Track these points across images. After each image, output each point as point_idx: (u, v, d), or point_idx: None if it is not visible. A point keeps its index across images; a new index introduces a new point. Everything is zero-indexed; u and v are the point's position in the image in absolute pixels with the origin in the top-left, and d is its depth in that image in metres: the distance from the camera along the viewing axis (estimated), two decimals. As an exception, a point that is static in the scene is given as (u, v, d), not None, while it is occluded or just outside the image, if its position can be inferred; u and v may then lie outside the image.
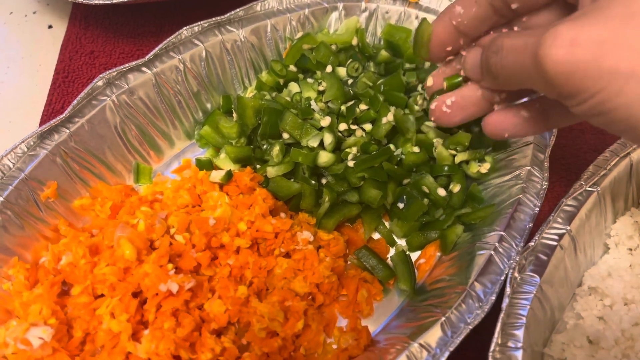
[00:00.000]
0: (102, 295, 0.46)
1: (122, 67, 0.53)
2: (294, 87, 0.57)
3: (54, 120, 0.50)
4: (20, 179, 0.48)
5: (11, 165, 0.48)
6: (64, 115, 0.50)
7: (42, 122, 0.61)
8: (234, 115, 0.57)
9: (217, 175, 0.52)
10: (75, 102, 0.51)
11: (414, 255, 0.52)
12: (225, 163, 0.54)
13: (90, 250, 0.47)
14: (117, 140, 0.54)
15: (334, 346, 0.47)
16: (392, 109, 0.52)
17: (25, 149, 0.49)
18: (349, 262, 0.52)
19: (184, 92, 0.57)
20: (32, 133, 0.49)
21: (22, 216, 0.48)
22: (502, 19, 0.40)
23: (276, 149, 0.52)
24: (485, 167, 0.53)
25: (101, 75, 0.52)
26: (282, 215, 0.52)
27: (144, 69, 0.54)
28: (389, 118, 0.52)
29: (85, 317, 0.44)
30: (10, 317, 0.46)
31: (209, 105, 0.59)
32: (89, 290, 0.45)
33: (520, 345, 0.39)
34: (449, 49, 0.43)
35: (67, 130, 0.50)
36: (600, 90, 0.28)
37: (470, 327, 0.40)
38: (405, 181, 0.53)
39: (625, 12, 0.27)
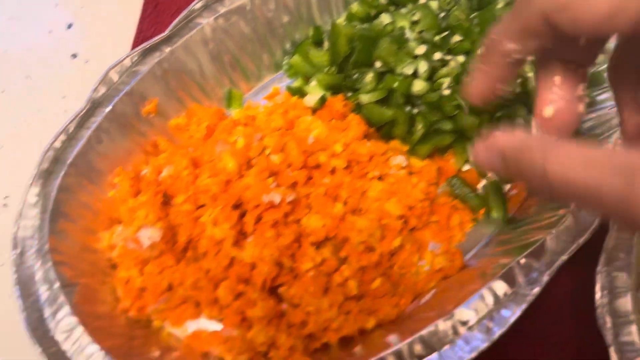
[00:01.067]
0: (204, 205, 0.47)
1: (219, -10, 0.54)
2: (385, 18, 0.57)
3: (156, 38, 0.51)
4: (125, 92, 0.49)
5: (116, 79, 0.49)
6: (164, 34, 0.51)
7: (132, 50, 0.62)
8: (325, 45, 0.57)
9: (311, 99, 0.53)
10: (175, 22, 0.52)
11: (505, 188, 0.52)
12: (316, 90, 0.55)
13: (191, 163, 0.48)
14: (212, 64, 0.55)
15: (426, 268, 0.48)
16: (489, 39, 0.52)
17: (129, 64, 0.50)
18: (439, 191, 0.52)
19: (276, 22, 0.57)
20: (135, 49, 0.50)
21: (126, 127, 0.49)
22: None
23: (370, 75, 0.52)
24: (581, 102, 0.52)
25: (199, -2, 0.53)
26: (374, 141, 0.52)
27: (240, -7, 0.55)
28: (484, 49, 0.52)
29: (188, 225, 0.46)
30: (113, 223, 0.48)
31: (297, 36, 0.60)
32: (192, 200, 0.47)
33: (627, 264, 0.39)
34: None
35: (168, 49, 0.51)
36: None
37: (580, 243, 0.40)
38: (499, 114, 0.53)
39: None
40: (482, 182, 0.52)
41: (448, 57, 0.53)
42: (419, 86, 0.52)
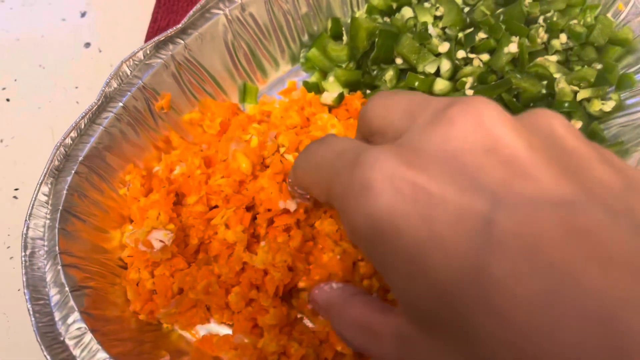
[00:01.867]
0: (216, 206, 0.46)
1: (235, -19, 0.52)
2: (407, 12, 0.55)
3: (170, 31, 0.49)
4: (137, 87, 0.48)
5: (129, 73, 0.48)
6: (179, 26, 0.49)
7: (146, 40, 0.61)
8: (344, 38, 0.55)
9: (329, 97, 0.51)
10: (190, 13, 0.50)
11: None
12: (334, 86, 0.53)
13: (204, 162, 0.47)
14: (227, 57, 0.53)
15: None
16: (516, 38, 0.50)
17: (142, 58, 0.49)
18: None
19: (293, 12, 0.55)
20: (149, 42, 0.49)
21: (138, 123, 0.48)
22: None
23: (390, 73, 0.51)
24: (609, 105, 0.50)
25: (215, -12, 0.51)
26: (392, 142, 0.50)
27: (257, -16, 0.53)
28: (510, 49, 0.50)
29: (199, 226, 0.45)
30: (124, 222, 0.47)
31: (315, 28, 0.58)
32: (204, 200, 0.45)
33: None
34: None
35: (182, 42, 0.50)
36: None
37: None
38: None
39: None
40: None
41: (472, 56, 0.51)
42: (441, 85, 0.50)
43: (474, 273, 0.19)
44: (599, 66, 0.52)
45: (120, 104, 0.47)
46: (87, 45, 0.61)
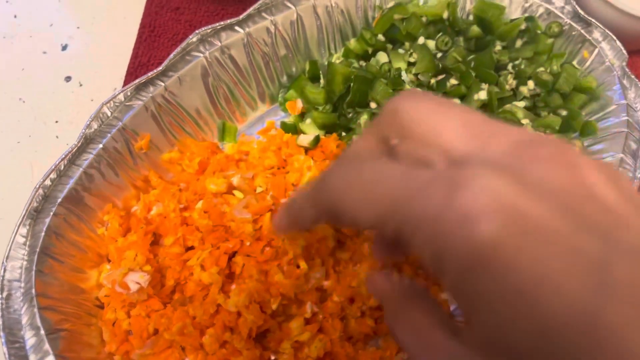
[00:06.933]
0: (192, 247, 0.47)
1: (216, 24, 0.53)
2: (382, 57, 0.57)
3: (151, 73, 0.50)
4: (117, 128, 0.49)
5: (109, 114, 0.49)
6: (160, 68, 0.51)
7: (127, 75, 0.62)
8: (321, 81, 0.57)
9: (305, 139, 0.53)
10: (171, 56, 0.51)
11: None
12: (310, 128, 0.55)
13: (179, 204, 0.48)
14: (207, 98, 0.54)
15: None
16: (486, 85, 0.52)
17: (123, 99, 0.50)
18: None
19: (272, 55, 0.57)
20: (130, 85, 0.50)
21: (117, 164, 0.49)
22: None
23: (364, 117, 0.52)
24: (573, 152, 0.52)
25: (196, 32, 0.53)
26: (366, 184, 0.52)
27: (237, 27, 0.54)
28: (480, 95, 0.52)
29: (176, 267, 0.46)
30: (101, 261, 0.48)
31: (293, 69, 0.59)
32: (180, 241, 0.46)
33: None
34: None
35: (162, 84, 0.51)
36: None
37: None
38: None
39: None
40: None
41: (443, 101, 0.53)
42: (413, 130, 0.52)
43: (588, 317, 0.18)
44: (564, 113, 0.54)
45: (100, 146, 0.48)
46: (68, 78, 0.62)
